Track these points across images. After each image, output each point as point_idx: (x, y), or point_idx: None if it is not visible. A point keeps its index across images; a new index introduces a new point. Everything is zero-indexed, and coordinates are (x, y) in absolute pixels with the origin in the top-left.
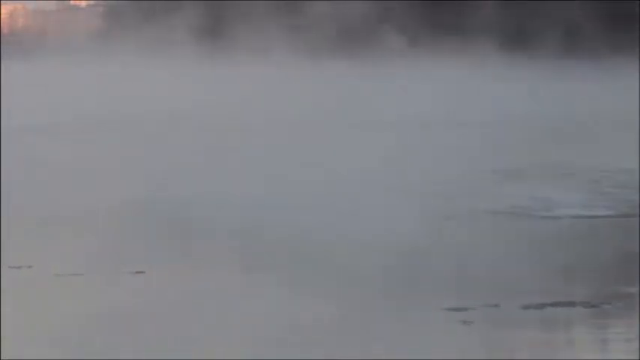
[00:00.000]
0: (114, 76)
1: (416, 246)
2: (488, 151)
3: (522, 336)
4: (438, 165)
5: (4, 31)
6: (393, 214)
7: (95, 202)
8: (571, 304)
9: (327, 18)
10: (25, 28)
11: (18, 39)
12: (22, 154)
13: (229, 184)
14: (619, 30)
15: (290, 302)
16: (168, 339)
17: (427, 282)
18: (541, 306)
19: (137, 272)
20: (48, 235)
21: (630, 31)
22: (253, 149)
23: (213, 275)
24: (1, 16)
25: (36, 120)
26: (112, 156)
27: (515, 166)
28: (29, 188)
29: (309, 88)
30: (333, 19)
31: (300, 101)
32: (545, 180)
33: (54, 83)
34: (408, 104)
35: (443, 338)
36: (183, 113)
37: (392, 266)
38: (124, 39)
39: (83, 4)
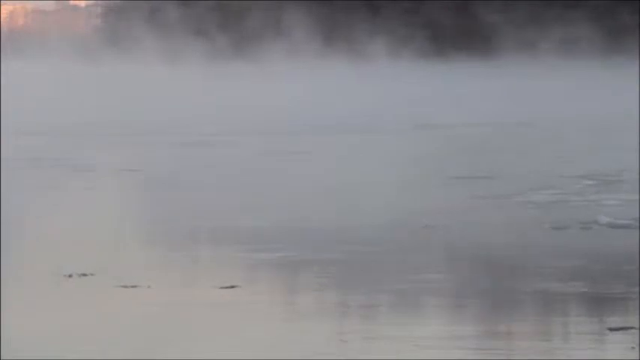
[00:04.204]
0: (113, 76)
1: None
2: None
3: None
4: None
5: (4, 31)
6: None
7: None
8: None
9: None
10: (25, 28)
11: (18, 39)
12: (21, 155)
13: None
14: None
15: None
16: None
17: (578, 301)
18: None
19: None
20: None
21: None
22: None
23: None
24: (1, 16)
25: (35, 121)
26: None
27: (592, 171)
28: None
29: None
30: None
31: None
32: None
33: (53, 83)
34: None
35: None
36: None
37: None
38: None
39: (83, 4)
